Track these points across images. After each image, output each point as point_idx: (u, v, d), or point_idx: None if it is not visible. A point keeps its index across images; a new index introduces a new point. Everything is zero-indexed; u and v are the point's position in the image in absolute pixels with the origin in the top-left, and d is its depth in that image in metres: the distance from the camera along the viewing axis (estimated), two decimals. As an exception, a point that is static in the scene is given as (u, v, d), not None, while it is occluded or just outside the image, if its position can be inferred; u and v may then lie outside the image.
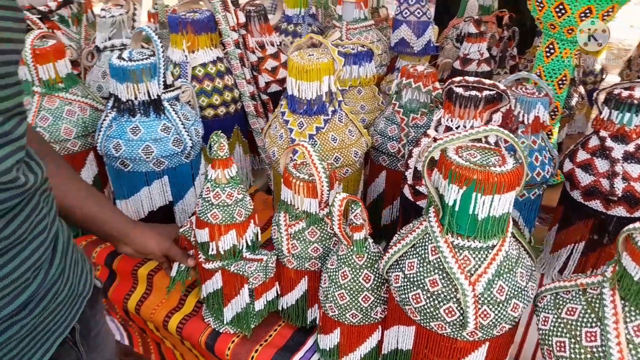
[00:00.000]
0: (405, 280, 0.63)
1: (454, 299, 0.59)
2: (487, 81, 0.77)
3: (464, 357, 0.63)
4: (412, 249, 0.64)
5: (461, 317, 0.59)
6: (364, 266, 0.71)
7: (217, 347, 0.87)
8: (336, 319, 0.74)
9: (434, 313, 0.61)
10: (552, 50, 1.13)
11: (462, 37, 1.41)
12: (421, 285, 0.61)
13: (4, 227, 0.52)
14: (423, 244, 0.63)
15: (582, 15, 1.03)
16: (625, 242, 0.52)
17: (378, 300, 0.72)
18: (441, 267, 0.60)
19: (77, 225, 0.82)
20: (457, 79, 0.79)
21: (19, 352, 0.57)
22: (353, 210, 0.69)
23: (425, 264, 0.62)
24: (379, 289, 0.72)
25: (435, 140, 0.60)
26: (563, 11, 1.04)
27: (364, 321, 0.73)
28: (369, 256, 0.71)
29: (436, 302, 0.60)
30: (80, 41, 1.52)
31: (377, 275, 0.72)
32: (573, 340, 0.55)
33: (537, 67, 1.17)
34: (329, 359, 0.80)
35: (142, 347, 1.20)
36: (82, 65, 1.24)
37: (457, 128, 0.79)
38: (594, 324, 0.54)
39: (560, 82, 1.15)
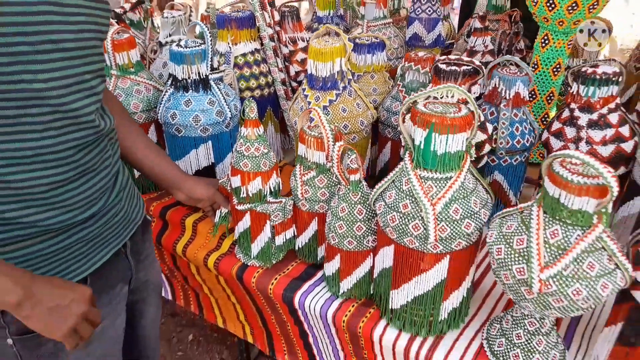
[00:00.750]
0: (386, 206, 0.82)
1: (419, 217, 0.77)
2: (466, 58, 0.94)
3: (430, 269, 0.80)
4: (392, 183, 0.83)
5: (424, 231, 0.76)
6: (358, 202, 0.90)
7: (245, 277, 1.08)
8: (336, 247, 0.93)
9: (405, 229, 0.78)
10: (546, 41, 1.27)
11: (470, 32, 1.57)
12: (396, 209, 0.79)
13: (82, 156, 0.75)
14: (399, 178, 0.81)
15: (570, 8, 1.18)
16: (546, 168, 0.69)
17: (369, 230, 0.90)
18: (411, 193, 0.78)
19: (144, 173, 1.05)
20: (442, 57, 0.96)
21: (87, 250, 0.80)
22: (349, 156, 0.88)
23: (400, 193, 0.80)
24: (370, 221, 0.90)
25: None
26: (553, 5, 1.19)
27: (358, 247, 0.91)
28: (362, 194, 0.90)
29: (406, 220, 0.78)
30: (145, 41, 1.81)
31: (368, 210, 0.90)
32: (507, 246, 0.72)
33: (535, 56, 1.32)
34: (332, 287, 0.99)
35: (183, 299, 1.43)
36: (147, 57, 1.51)
37: (441, 98, 0.96)
38: (523, 233, 0.71)
39: (554, 69, 1.29)
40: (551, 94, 1.32)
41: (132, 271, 0.93)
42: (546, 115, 1.36)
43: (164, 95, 1.15)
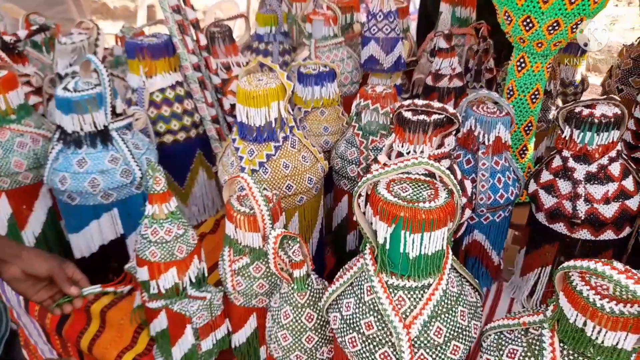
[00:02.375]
0: (343, 322, 0.59)
1: (389, 343, 0.55)
2: (436, 104, 0.73)
3: (406, 405, 0.58)
4: (350, 287, 0.60)
5: (397, 364, 0.55)
6: (306, 305, 0.67)
7: (168, 388, 0.83)
8: (281, 361, 0.70)
9: (370, 358, 0.56)
10: (523, 64, 1.09)
11: (435, 51, 1.38)
12: (357, 328, 0.57)
13: None
14: (359, 283, 0.59)
15: (550, 28, 0.99)
16: (561, 280, 0.48)
17: (323, 340, 0.68)
18: (376, 308, 0.56)
19: None
20: (406, 102, 0.75)
21: None
22: (291, 247, 0.65)
23: (361, 305, 0.58)
24: (323, 328, 0.68)
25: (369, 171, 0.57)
26: (531, 25, 1.01)
27: (309, 363, 0.69)
28: (312, 294, 0.67)
29: (371, 346, 0.56)
30: (53, 66, 1.50)
31: (320, 313, 0.67)
32: (514, 390, 0.51)
33: (509, 81, 1.13)
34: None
35: None
36: (43, 92, 1.23)
37: (407, 153, 0.75)
38: (535, 372, 0.50)
39: (532, 96, 1.11)
40: (529, 124, 1.15)
41: None
42: (524, 148, 1.18)
43: (50, 152, 0.88)
